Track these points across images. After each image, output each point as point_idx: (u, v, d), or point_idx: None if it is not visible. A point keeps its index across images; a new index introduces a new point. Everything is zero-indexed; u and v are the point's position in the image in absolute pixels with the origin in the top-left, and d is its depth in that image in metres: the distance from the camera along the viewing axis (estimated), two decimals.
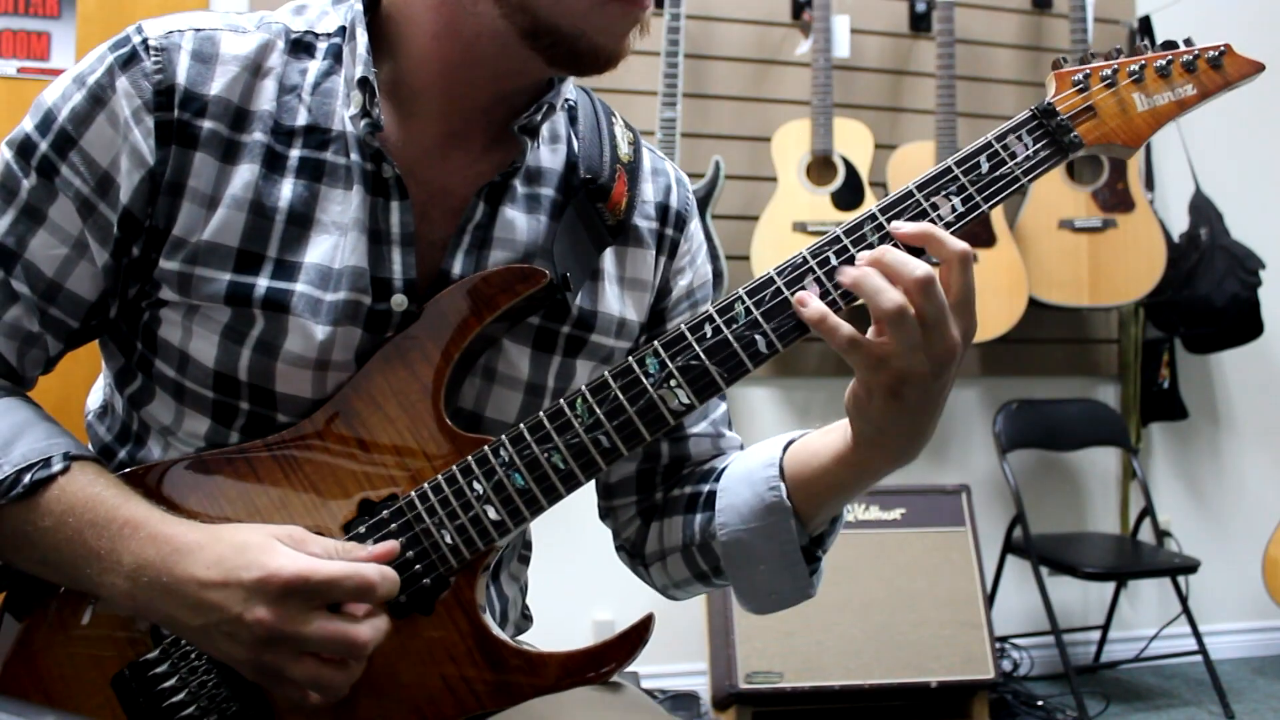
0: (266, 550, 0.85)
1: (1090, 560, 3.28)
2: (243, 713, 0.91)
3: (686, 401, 0.91)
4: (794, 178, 3.24)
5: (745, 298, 0.91)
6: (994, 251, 3.29)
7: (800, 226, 3.18)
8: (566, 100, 1.05)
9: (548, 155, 1.02)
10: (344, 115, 0.94)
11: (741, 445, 1.14)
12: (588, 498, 1.36)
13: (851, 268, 0.87)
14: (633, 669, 1.70)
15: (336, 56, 0.96)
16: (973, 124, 3.33)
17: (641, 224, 1.07)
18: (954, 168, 0.91)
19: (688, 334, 0.92)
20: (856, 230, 0.91)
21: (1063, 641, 3.20)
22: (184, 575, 0.85)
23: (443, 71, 0.94)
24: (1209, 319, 3.48)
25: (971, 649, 2.96)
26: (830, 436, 0.96)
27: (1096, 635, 3.64)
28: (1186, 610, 3.31)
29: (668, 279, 1.10)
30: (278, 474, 0.94)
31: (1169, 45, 0.95)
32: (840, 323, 0.87)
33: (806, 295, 0.89)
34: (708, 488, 1.06)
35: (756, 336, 0.91)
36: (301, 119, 0.94)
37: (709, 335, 0.91)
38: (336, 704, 0.90)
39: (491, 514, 0.92)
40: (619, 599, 3.17)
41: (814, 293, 0.89)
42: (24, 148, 0.92)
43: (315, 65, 0.96)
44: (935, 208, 0.91)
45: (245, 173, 0.92)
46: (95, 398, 1.08)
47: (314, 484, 0.94)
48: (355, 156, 0.94)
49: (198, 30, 0.93)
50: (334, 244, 0.94)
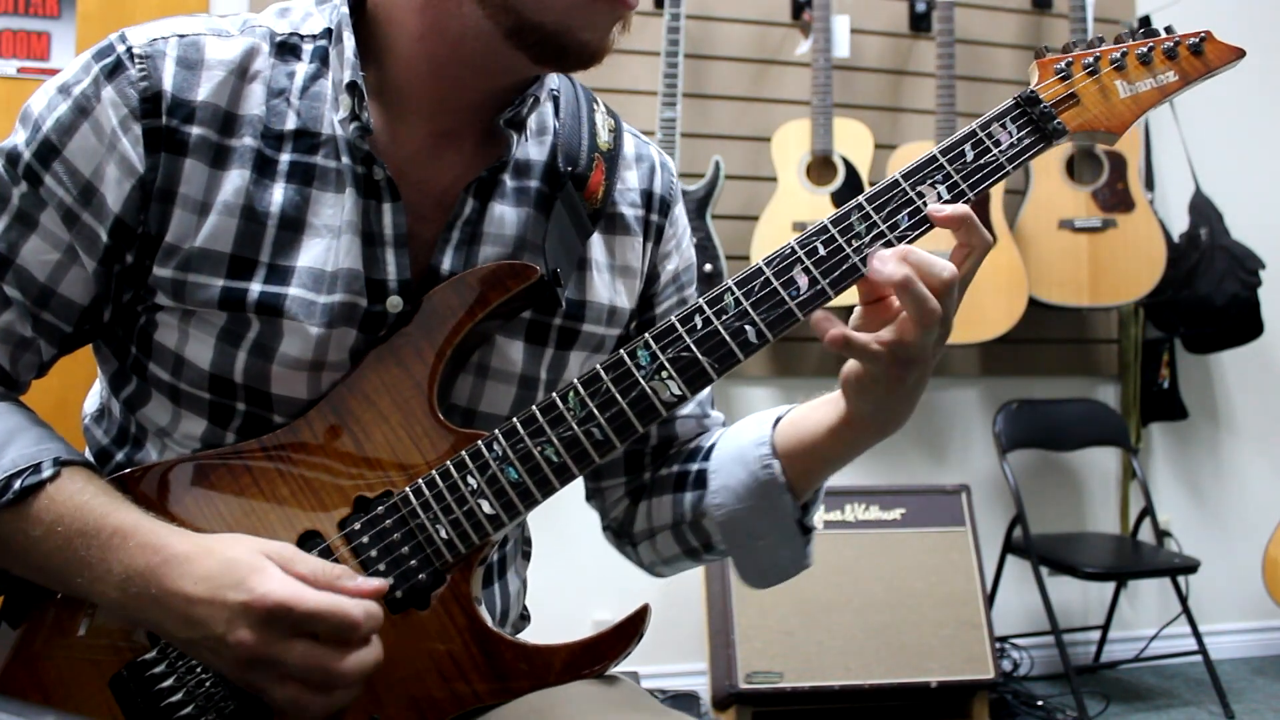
0: (255, 570, 0.84)
1: (1090, 560, 3.28)
2: (240, 712, 0.91)
3: (678, 393, 0.92)
4: (794, 178, 3.24)
5: (735, 289, 0.92)
6: (994, 251, 3.25)
7: (800, 226, 3.17)
8: (551, 90, 1.05)
9: (534, 148, 1.02)
10: (333, 119, 0.94)
11: (725, 422, 1.16)
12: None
13: (893, 265, 0.86)
14: (632, 668, 1.69)
15: (323, 59, 0.96)
16: None
17: (627, 211, 1.07)
18: (939, 156, 0.92)
19: (678, 326, 0.92)
20: (843, 221, 0.91)
21: (1063, 641, 3.20)
22: (172, 589, 0.85)
23: (430, 72, 0.94)
24: (1209, 319, 3.47)
25: (971, 649, 2.95)
26: (821, 413, 0.99)
27: (1096, 635, 3.63)
28: (1186, 610, 3.30)
29: (655, 264, 1.10)
30: (273, 473, 0.94)
31: (1150, 33, 0.95)
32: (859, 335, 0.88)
33: (881, 258, 0.87)
34: (696, 466, 1.08)
35: (746, 327, 0.91)
36: (291, 123, 0.94)
37: (699, 326, 0.92)
38: None
39: (486, 508, 0.92)
40: (619, 599, 3.15)
41: (804, 282, 0.90)
42: (11, 156, 0.93)
43: (302, 68, 0.96)
44: (921, 196, 0.91)
45: (236, 178, 0.92)
46: (92, 401, 1.08)
47: (309, 482, 0.94)
48: (346, 160, 0.94)
49: (182, 36, 0.93)
50: (326, 247, 0.94)
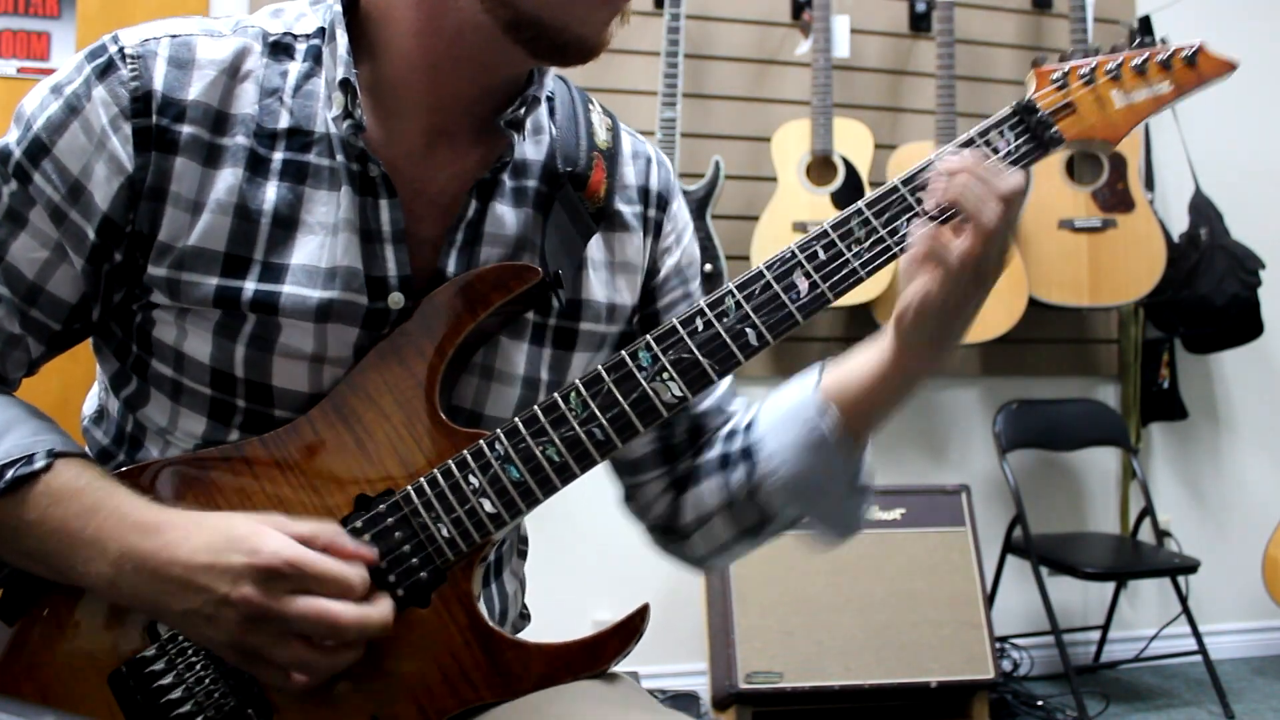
0: (255, 533, 0.87)
1: (1090, 560, 3.28)
2: (239, 709, 0.92)
3: (679, 394, 0.93)
4: (794, 178, 3.24)
5: (735, 291, 0.92)
6: None
7: (800, 226, 3.17)
8: (546, 92, 1.05)
9: (531, 148, 1.02)
10: (326, 117, 0.94)
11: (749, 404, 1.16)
12: (586, 498, 1.36)
13: (958, 179, 0.90)
14: (632, 668, 1.70)
15: (316, 58, 0.96)
16: (972, 124, 3.31)
17: (625, 209, 1.08)
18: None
19: (679, 327, 0.93)
20: (843, 225, 0.92)
21: (1063, 641, 3.20)
22: (170, 559, 0.86)
23: (426, 68, 0.94)
24: (1209, 319, 3.47)
25: (971, 649, 2.95)
26: (864, 359, 1.00)
27: (1096, 635, 3.64)
28: (1186, 610, 3.30)
29: (655, 259, 1.10)
30: (274, 471, 0.94)
31: (1145, 44, 0.97)
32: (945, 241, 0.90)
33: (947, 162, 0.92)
34: (739, 444, 1.07)
35: (747, 329, 0.92)
36: (284, 121, 0.94)
37: (700, 329, 0.93)
38: (335, 697, 0.90)
39: (487, 507, 0.92)
40: (618, 599, 3.15)
41: (804, 285, 0.91)
42: (2, 155, 0.93)
43: (295, 67, 0.96)
44: (920, 202, 0.92)
45: (228, 176, 0.93)
46: (90, 403, 1.09)
47: (310, 480, 0.94)
48: (340, 157, 0.94)
49: (174, 37, 0.94)
50: (320, 244, 0.94)
